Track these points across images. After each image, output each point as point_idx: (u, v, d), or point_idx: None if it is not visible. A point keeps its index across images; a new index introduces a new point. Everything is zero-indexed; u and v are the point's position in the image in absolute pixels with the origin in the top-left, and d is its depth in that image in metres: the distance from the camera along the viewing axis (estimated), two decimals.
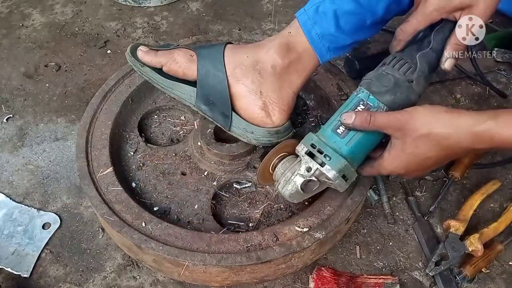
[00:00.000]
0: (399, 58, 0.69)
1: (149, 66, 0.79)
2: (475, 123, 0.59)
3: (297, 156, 0.69)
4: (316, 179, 0.66)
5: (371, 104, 0.67)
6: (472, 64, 1.04)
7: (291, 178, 0.67)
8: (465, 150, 0.63)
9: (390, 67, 0.68)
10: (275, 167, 0.72)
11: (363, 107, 0.67)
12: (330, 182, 0.66)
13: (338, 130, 0.66)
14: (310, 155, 0.66)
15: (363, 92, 0.68)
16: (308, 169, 0.66)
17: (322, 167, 0.65)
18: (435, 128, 0.61)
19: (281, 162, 0.71)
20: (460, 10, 0.66)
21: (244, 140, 0.78)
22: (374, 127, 0.64)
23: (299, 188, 0.67)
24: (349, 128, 0.66)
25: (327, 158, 0.65)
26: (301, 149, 0.67)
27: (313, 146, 0.66)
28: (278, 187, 0.70)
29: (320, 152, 0.65)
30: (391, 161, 0.66)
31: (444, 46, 0.68)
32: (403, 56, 0.69)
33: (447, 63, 0.68)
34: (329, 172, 0.64)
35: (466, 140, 0.60)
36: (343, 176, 0.66)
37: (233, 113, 0.76)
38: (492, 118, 0.59)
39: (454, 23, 0.67)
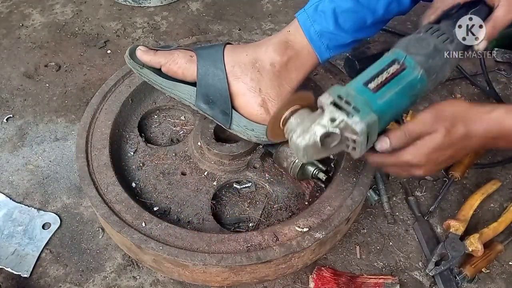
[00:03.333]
0: (436, 28, 0.66)
1: (148, 67, 0.79)
2: (488, 111, 0.62)
3: (314, 110, 0.63)
4: (338, 133, 0.59)
5: (407, 65, 0.61)
6: (480, 64, 1.06)
7: (311, 127, 0.60)
8: (480, 139, 0.63)
9: (429, 34, 0.65)
10: (286, 122, 0.66)
11: (397, 66, 0.61)
12: (354, 138, 0.59)
13: (369, 85, 0.60)
14: (336, 106, 0.59)
15: (398, 53, 0.62)
16: (332, 120, 0.58)
17: (350, 118, 0.58)
18: (473, 126, 0.62)
19: (296, 114, 0.65)
20: None
21: (245, 138, 0.78)
22: (412, 135, 0.62)
23: (318, 140, 0.60)
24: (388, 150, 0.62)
25: (356, 110, 0.58)
26: (326, 98, 0.60)
27: (340, 97, 0.59)
28: (293, 136, 0.62)
29: (348, 103, 0.58)
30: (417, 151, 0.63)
31: None
32: (440, 27, 0.66)
33: (481, 44, 0.68)
34: (357, 124, 0.57)
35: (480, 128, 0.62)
36: (367, 136, 0.59)
37: (233, 111, 0.76)
38: (503, 108, 0.62)
39: (490, 8, 0.67)
